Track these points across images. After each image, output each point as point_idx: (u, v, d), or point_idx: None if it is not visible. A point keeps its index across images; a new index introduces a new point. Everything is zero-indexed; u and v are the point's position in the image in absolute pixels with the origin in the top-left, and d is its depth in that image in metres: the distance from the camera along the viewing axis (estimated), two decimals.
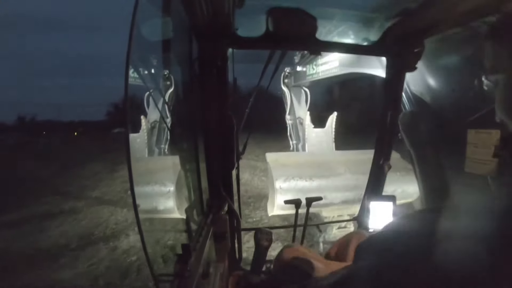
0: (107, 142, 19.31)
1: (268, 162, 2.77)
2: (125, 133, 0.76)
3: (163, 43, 1.52)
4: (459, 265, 0.30)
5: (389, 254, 0.37)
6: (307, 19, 1.23)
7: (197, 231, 1.14)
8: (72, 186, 7.83)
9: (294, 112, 4.77)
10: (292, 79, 4.69)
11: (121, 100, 5.13)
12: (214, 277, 1.10)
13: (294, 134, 4.88)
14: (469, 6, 1.03)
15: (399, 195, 2.22)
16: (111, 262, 3.72)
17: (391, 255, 0.37)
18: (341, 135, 4.81)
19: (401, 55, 1.43)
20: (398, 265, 0.35)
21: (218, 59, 1.27)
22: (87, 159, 12.11)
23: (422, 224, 0.39)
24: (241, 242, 1.68)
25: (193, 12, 1.03)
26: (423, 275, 0.32)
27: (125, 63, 0.64)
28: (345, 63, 3.19)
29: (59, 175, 9.28)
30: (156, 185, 2.52)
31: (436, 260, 0.32)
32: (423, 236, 0.36)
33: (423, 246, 0.34)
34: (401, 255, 0.36)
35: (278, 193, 2.48)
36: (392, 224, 0.45)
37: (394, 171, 1.99)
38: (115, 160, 10.80)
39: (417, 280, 0.32)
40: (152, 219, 3.90)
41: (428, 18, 1.19)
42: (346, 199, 2.60)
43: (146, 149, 4.29)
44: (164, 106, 3.76)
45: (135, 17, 0.66)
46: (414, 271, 0.34)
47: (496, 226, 0.33)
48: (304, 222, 1.74)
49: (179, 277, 0.74)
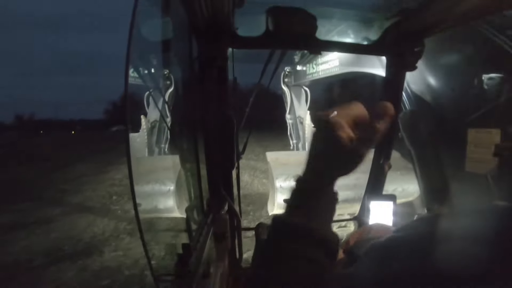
0: (103, 141, 18.79)
1: (269, 161, 2.78)
2: (125, 133, 0.76)
3: (163, 43, 1.52)
4: (459, 265, 0.30)
5: (390, 255, 0.37)
6: (307, 19, 1.23)
7: (197, 231, 1.14)
8: (53, 190, 7.03)
9: (294, 112, 4.77)
10: (292, 78, 4.69)
11: (119, 98, 4.93)
12: (214, 277, 1.10)
13: (294, 133, 4.89)
14: (469, 6, 1.03)
15: (400, 194, 2.22)
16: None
17: (392, 255, 0.37)
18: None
19: (401, 54, 1.43)
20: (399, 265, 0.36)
21: (218, 58, 1.26)
22: (77, 159, 11.59)
23: (427, 228, 0.39)
24: (241, 242, 1.68)
25: (193, 12, 1.03)
26: (423, 275, 0.32)
27: (125, 62, 0.64)
28: (345, 62, 3.19)
29: (43, 177, 8.55)
30: (156, 184, 2.52)
31: (436, 260, 0.32)
32: (425, 238, 0.36)
33: (424, 247, 0.34)
34: (402, 255, 0.36)
35: (279, 192, 2.48)
36: (403, 227, 0.45)
37: (395, 170, 1.99)
38: (107, 160, 10.46)
39: (418, 280, 0.32)
40: (152, 219, 3.85)
41: (428, 18, 1.19)
42: (346, 198, 2.59)
43: (146, 148, 4.29)
44: (164, 105, 3.75)
45: (134, 17, 0.66)
46: (414, 271, 0.34)
47: (496, 226, 0.33)
48: None
49: (179, 277, 0.74)
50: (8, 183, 7.73)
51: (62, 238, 4.24)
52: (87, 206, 5.72)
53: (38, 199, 6.24)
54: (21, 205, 5.81)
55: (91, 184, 7.46)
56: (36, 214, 5.28)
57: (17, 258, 3.66)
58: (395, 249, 0.39)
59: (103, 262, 3.54)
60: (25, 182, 7.90)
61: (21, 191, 7.00)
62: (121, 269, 3.33)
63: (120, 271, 3.30)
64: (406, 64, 1.45)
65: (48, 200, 6.24)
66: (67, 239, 4.19)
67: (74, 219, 5.02)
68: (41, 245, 4.02)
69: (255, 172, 7.83)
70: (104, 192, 6.52)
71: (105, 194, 6.39)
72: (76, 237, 4.27)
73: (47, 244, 4.06)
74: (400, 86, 1.57)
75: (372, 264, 0.40)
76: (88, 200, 6.10)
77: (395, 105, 1.69)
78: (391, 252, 0.39)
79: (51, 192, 6.86)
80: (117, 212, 5.23)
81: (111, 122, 35.96)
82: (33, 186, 7.49)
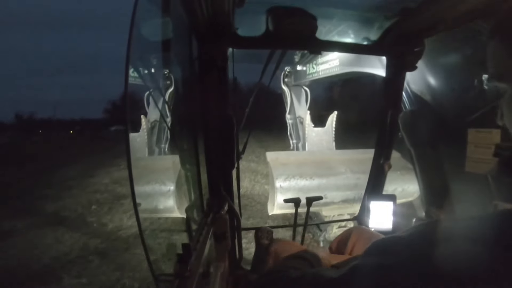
0: (99, 141, 18.24)
1: (269, 161, 2.77)
2: (125, 132, 0.76)
3: (163, 43, 1.52)
4: (459, 266, 0.30)
5: (391, 257, 0.37)
6: (307, 19, 1.23)
7: (197, 231, 1.14)
8: (31, 195, 6.39)
9: (294, 111, 4.77)
10: (292, 78, 4.69)
11: (119, 97, 4.70)
12: (214, 277, 1.10)
13: (294, 133, 4.88)
14: (469, 6, 1.03)
15: (400, 194, 2.22)
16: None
17: (393, 256, 0.37)
18: (341, 134, 4.72)
19: (401, 54, 1.43)
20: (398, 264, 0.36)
21: (218, 59, 1.26)
22: (68, 161, 11.09)
23: (428, 230, 0.39)
24: (241, 242, 1.68)
25: (193, 12, 1.02)
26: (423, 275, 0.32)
27: (125, 62, 0.64)
28: (346, 62, 3.19)
29: (24, 182, 7.87)
30: (156, 184, 2.52)
31: (436, 260, 0.32)
32: (425, 239, 0.36)
33: (424, 247, 0.34)
34: (402, 255, 0.36)
35: (279, 192, 2.48)
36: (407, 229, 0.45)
37: (395, 170, 1.99)
38: (99, 162, 9.94)
39: (418, 280, 0.32)
40: (152, 219, 3.80)
41: (428, 18, 1.19)
42: (346, 198, 2.60)
43: (146, 148, 4.29)
44: (164, 105, 3.75)
45: (134, 16, 0.66)
46: (414, 271, 0.34)
47: (496, 226, 0.33)
48: (305, 222, 1.75)
49: (179, 277, 0.74)
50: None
51: (19, 257, 3.61)
52: (61, 216, 5.08)
53: (11, 207, 5.61)
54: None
55: (74, 189, 6.87)
56: (1, 226, 4.62)
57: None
58: (395, 248, 0.39)
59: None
60: (5, 187, 7.18)
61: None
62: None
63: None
64: (406, 64, 1.45)
65: (20, 207, 5.61)
66: (25, 259, 3.53)
67: (40, 233, 4.33)
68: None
69: (256, 177, 7.16)
70: (84, 200, 5.96)
71: (86, 202, 5.83)
72: (36, 256, 3.59)
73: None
74: (400, 86, 1.57)
75: (370, 265, 0.40)
76: (65, 209, 5.44)
77: (395, 105, 1.70)
78: (391, 252, 0.39)
79: (28, 198, 6.24)
80: (93, 226, 4.65)
81: (110, 122, 35.81)
82: (11, 191, 6.81)
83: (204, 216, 1.32)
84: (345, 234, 1.38)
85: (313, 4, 1.26)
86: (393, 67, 1.52)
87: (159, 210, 2.55)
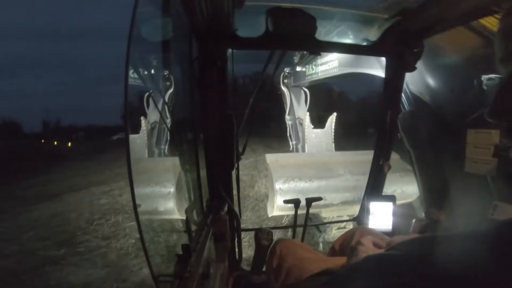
0: (95, 152, 16.81)
1: (268, 163, 2.77)
2: (125, 132, 0.76)
3: (163, 43, 1.52)
4: (460, 266, 0.30)
5: (393, 278, 0.36)
6: (307, 19, 1.23)
7: (197, 232, 1.14)
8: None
9: (293, 113, 4.77)
10: (291, 79, 4.70)
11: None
12: (214, 278, 1.09)
13: (293, 134, 4.88)
14: (469, 6, 1.03)
15: (399, 196, 2.21)
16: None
17: (395, 278, 0.36)
18: (340, 135, 4.68)
19: (400, 55, 1.43)
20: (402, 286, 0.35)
21: (218, 59, 1.26)
22: (51, 171, 9.87)
23: (425, 247, 0.38)
24: (241, 243, 1.67)
25: (192, 12, 1.03)
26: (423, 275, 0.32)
27: (125, 63, 0.64)
28: (345, 63, 3.20)
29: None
30: (156, 186, 2.51)
31: (436, 261, 0.32)
32: (422, 256, 0.35)
33: (423, 268, 0.34)
34: (403, 277, 0.35)
35: (278, 194, 2.47)
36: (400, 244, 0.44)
37: (394, 172, 1.99)
38: (74, 181, 8.10)
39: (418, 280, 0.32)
40: (152, 220, 3.78)
41: (428, 18, 1.19)
42: (345, 200, 2.59)
43: (146, 150, 4.28)
44: (164, 106, 3.75)
45: (134, 17, 0.66)
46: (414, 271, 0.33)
47: (496, 226, 0.33)
48: (304, 223, 1.74)
49: (179, 278, 0.74)
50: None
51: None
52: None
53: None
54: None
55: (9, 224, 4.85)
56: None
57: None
58: (391, 265, 0.38)
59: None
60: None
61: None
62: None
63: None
64: (406, 64, 1.45)
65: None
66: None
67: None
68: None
69: (256, 182, 6.17)
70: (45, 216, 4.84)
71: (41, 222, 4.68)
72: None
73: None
74: (400, 86, 1.57)
75: (365, 278, 0.40)
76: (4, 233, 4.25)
77: (394, 106, 1.70)
78: (387, 268, 0.38)
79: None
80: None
81: (115, 129, 34.73)
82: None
83: (204, 217, 1.31)
84: (348, 234, 1.35)
85: (313, 5, 1.26)
86: (393, 68, 1.52)
87: (159, 211, 2.54)
